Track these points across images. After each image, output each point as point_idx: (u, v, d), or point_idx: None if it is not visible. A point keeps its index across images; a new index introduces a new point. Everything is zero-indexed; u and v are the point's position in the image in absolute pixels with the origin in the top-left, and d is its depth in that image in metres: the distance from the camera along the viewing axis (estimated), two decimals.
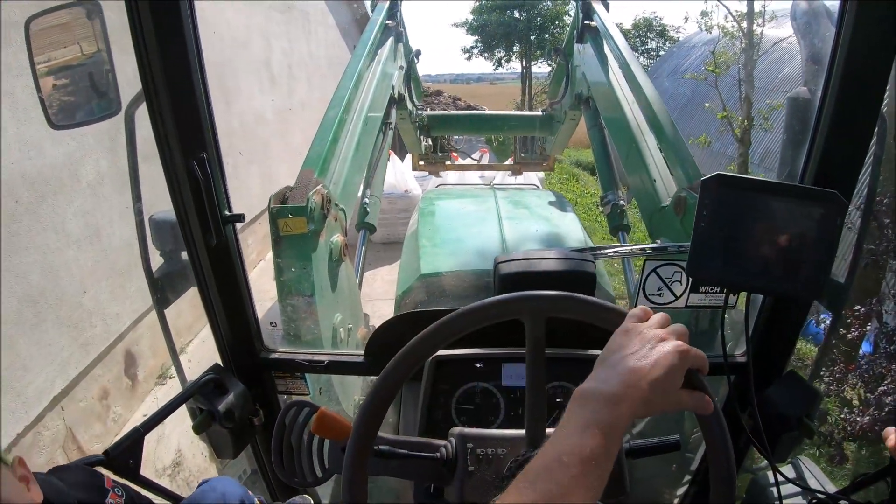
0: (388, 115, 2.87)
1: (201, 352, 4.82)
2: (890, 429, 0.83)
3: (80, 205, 3.50)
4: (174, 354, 1.38)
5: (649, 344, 0.65)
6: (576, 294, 0.81)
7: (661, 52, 16.70)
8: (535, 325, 0.82)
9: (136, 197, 1.22)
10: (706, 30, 8.43)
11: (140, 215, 1.24)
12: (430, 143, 4.55)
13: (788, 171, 1.25)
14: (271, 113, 7.28)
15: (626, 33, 17.57)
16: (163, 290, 1.30)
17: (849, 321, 3.26)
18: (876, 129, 1.10)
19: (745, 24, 7.36)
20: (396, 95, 3.07)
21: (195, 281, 1.21)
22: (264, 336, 1.36)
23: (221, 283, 1.24)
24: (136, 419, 4.04)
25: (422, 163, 4.78)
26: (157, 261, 1.32)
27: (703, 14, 8.23)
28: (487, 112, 5.08)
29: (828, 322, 4.86)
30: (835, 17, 1.08)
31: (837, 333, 2.94)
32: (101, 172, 3.69)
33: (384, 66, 2.64)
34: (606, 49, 2.62)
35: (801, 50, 1.44)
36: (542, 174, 6.79)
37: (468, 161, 5.94)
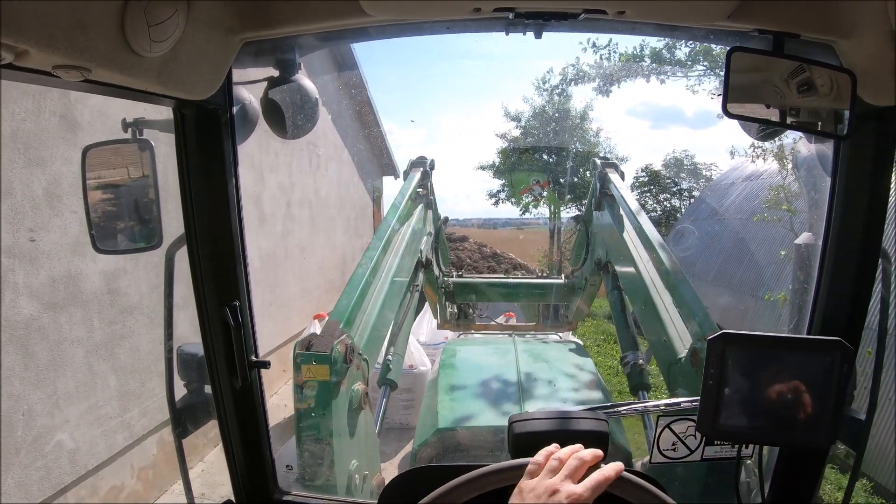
0: (415, 277, 3.42)
1: None
2: None
3: None
4: (187, 487, 1.59)
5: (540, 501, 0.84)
6: (462, 477, 1.05)
7: (695, 192, 18.11)
8: None
9: (168, 336, 1.54)
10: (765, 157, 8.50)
11: (170, 353, 1.54)
12: (455, 310, 5.19)
13: (797, 320, 1.56)
14: (257, 258, 7.46)
15: (656, 174, 19.33)
16: (183, 421, 1.56)
17: None
18: (879, 268, 1.39)
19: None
20: (424, 260, 3.67)
21: (216, 417, 1.49)
22: (279, 477, 1.59)
23: (242, 423, 1.52)
24: None
25: (446, 324, 5.37)
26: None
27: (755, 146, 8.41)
28: (511, 280, 5.96)
29: None
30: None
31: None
32: None
33: (413, 230, 3.21)
34: (622, 214, 3.23)
35: (805, 197, 1.83)
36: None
37: (491, 323, 6.62)
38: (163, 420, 5.17)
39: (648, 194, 18.83)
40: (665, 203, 18.81)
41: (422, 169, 3.86)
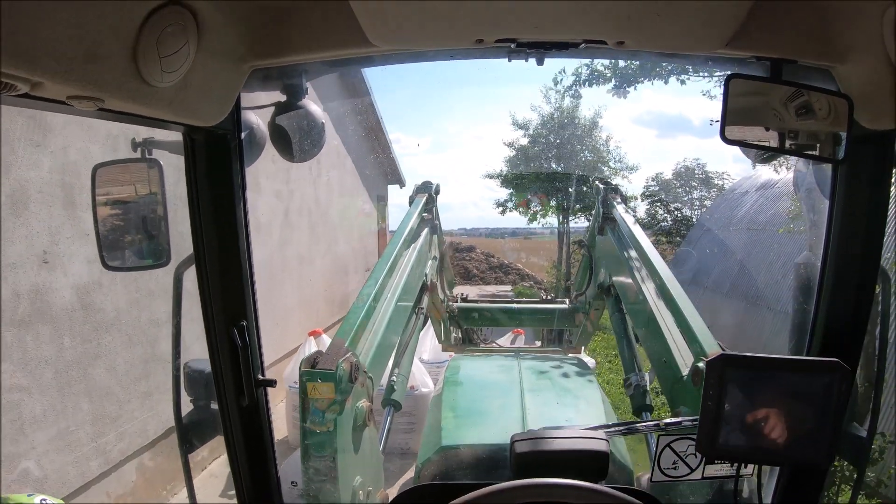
0: (420, 300, 3.56)
1: None
2: None
3: None
4: (191, 493, 1.68)
5: None
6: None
7: (707, 202, 18.19)
8: None
9: (176, 354, 1.63)
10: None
11: (177, 370, 1.63)
12: (459, 335, 5.32)
13: (796, 340, 1.63)
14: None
15: (667, 183, 19.41)
16: (189, 436, 1.66)
17: None
18: (878, 288, 1.47)
19: None
20: (429, 283, 3.82)
21: (223, 433, 1.58)
22: (283, 493, 1.67)
23: (249, 440, 1.61)
24: None
25: (450, 347, 5.54)
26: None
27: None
28: (515, 305, 6.18)
29: None
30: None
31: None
32: None
33: (419, 253, 3.35)
34: (624, 237, 3.37)
35: (805, 218, 1.91)
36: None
37: (494, 346, 6.83)
38: (142, 445, 5.10)
39: (659, 204, 18.89)
40: (675, 213, 18.85)
41: (427, 194, 4.04)
